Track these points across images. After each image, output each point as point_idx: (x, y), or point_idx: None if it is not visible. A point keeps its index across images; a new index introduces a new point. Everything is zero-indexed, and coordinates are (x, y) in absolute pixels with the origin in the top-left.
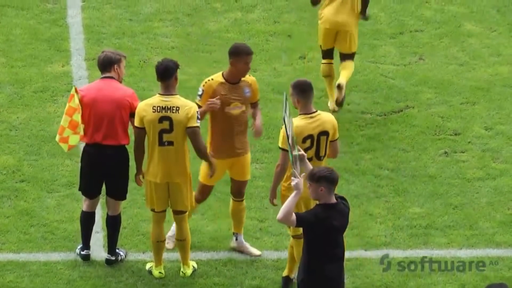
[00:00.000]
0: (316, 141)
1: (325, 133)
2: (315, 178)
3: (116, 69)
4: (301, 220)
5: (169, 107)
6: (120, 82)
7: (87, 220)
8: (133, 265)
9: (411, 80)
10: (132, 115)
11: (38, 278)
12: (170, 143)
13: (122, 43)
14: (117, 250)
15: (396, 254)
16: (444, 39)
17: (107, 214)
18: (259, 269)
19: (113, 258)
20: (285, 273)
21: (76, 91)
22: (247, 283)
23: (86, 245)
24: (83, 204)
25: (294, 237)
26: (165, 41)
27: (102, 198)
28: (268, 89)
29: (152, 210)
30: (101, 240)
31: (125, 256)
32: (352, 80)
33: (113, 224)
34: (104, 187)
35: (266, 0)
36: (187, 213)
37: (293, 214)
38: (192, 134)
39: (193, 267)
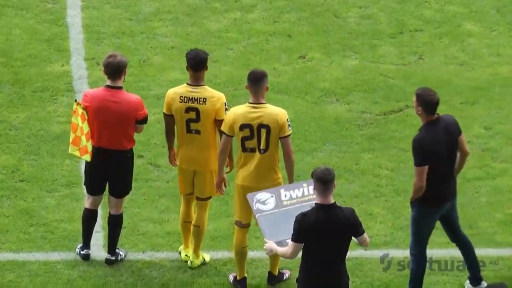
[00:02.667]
0: (256, 133)
1: (264, 126)
2: (311, 175)
3: (124, 74)
4: (295, 240)
5: (196, 98)
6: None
7: (89, 217)
8: (132, 264)
9: (411, 79)
10: (137, 122)
11: (37, 277)
12: (197, 132)
13: (121, 43)
14: (117, 250)
15: (396, 253)
16: (443, 38)
17: (109, 213)
18: (259, 269)
19: (113, 258)
20: (269, 269)
21: (78, 104)
22: (247, 283)
23: (86, 244)
24: (86, 201)
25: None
26: (165, 40)
27: (105, 197)
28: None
29: (181, 193)
30: (100, 239)
31: (125, 256)
32: (351, 79)
33: (115, 223)
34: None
35: (266, 0)
36: (208, 200)
37: (289, 246)
38: (220, 129)
39: (203, 259)
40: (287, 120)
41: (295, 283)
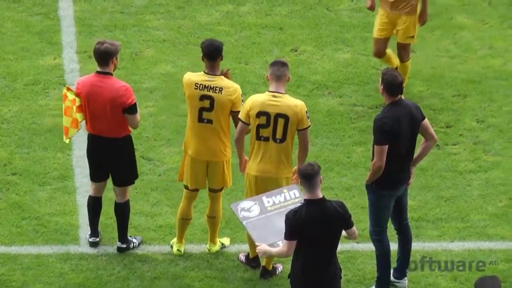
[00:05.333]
0: (273, 122)
1: (283, 116)
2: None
3: (114, 61)
4: (288, 238)
5: (212, 86)
6: (114, 70)
7: (93, 205)
8: (124, 258)
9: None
10: (125, 110)
11: (30, 271)
12: (209, 121)
13: (113, 36)
14: (129, 238)
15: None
16: (435, 31)
17: (115, 201)
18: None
19: (124, 245)
20: (262, 263)
21: (68, 89)
22: (239, 276)
23: (93, 231)
24: (90, 188)
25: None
26: (157, 34)
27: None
28: (259, 81)
29: (186, 187)
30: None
31: (139, 244)
32: (343, 72)
33: (121, 211)
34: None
35: None
36: (221, 191)
37: (283, 245)
38: (235, 119)
39: (222, 244)
40: (306, 112)
41: (287, 278)
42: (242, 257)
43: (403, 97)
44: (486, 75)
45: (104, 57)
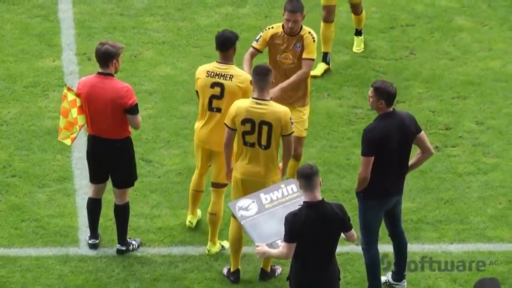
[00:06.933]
0: (258, 128)
1: (266, 123)
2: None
3: (115, 63)
4: (288, 240)
5: (222, 74)
6: (116, 72)
7: (92, 206)
8: (124, 260)
9: (402, 74)
10: (126, 111)
11: (29, 273)
12: (218, 110)
13: (113, 38)
14: (129, 240)
15: (387, 248)
16: (435, 33)
17: (115, 203)
18: (251, 264)
19: (124, 248)
20: (260, 265)
21: (68, 89)
22: (240, 277)
23: (92, 233)
24: (89, 190)
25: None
26: (156, 35)
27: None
28: None
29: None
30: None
31: (139, 246)
32: (343, 74)
33: (121, 213)
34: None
35: None
36: (224, 189)
37: (283, 247)
38: None
39: (222, 246)
40: (290, 118)
41: (286, 280)
42: (225, 269)
43: (395, 108)
44: (485, 77)
45: (104, 58)
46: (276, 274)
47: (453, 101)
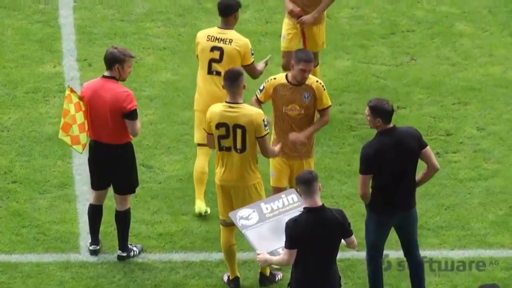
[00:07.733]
0: (232, 132)
1: (240, 126)
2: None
3: (118, 68)
4: (289, 247)
5: (222, 38)
6: (123, 80)
7: (93, 213)
8: (125, 266)
9: (403, 80)
10: (124, 116)
11: (30, 279)
12: (218, 73)
13: (114, 44)
14: (130, 246)
15: (389, 254)
16: (435, 39)
17: (116, 209)
18: (252, 270)
19: (125, 254)
20: (259, 270)
21: (72, 91)
22: (240, 283)
23: (93, 240)
24: (91, 196)
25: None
26: (157, 41)
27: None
28: None
29: (198, 145)
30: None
31: (139, 252)
32: (344, 80)
33: (121, 219)
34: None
35: (258, 1)
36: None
37: (284, 254)
38: (249, 71)
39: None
40: (263, 120)
41: (287, 286)
42: (225, 276)
43: (396, 125)
44: (486, 82)
45: (108, 61)
46: (277, 279)
47: (454, 107)
